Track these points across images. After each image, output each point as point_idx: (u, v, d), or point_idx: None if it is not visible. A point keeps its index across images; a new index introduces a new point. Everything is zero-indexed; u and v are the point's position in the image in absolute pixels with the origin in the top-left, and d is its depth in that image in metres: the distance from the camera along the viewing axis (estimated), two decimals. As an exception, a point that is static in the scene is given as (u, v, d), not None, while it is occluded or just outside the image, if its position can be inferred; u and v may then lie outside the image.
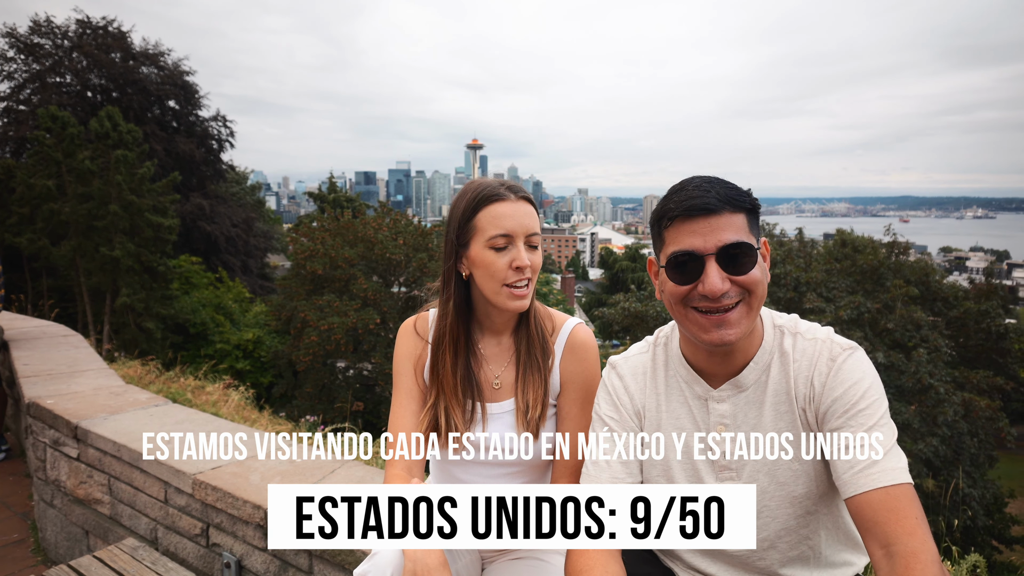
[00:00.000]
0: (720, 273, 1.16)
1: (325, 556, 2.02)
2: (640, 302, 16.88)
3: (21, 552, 3.38)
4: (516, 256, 1.43)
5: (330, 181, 36.18)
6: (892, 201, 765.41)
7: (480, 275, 1.46)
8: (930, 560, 1.01)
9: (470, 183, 1.54)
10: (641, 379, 1.40)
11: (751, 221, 1.20)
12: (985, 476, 13.91)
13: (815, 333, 1.27)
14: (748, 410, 1.28)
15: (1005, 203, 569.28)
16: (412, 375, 1.57)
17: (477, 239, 1.45)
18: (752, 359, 1.27)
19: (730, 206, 1.16)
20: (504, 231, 1.42)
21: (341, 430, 4.39)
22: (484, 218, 1.44)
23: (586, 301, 55.17)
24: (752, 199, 1.21)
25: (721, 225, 1.16)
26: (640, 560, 1.49)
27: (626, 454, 1.35)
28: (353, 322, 16.12)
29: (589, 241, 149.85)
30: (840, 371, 1.19)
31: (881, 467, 1.10)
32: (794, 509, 1.26)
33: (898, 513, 1.06)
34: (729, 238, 1.15)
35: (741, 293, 1.18)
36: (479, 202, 1.45)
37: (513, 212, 1.44)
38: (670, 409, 1.36)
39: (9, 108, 26.06)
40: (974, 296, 17.84)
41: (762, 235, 1.25)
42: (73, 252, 20.28)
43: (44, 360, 4.40)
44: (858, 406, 1.16)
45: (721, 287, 1.15)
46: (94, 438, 2.95)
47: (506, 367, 1.56)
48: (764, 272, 1.20)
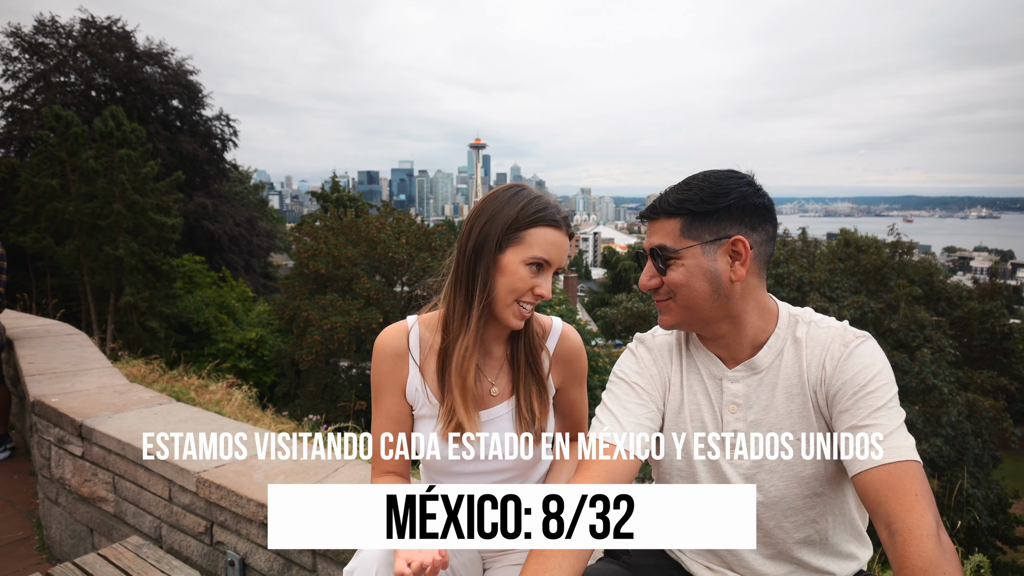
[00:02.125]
0: (650, 270, 1.34)
1: (328, 555, 2.03)
2: (642, 302, 16.88)
3: (26, 549, 3.40)
4: (543, 283, 1.42)
5: (333, 180, 36.20)
6: (896, 201, 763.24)
7: (501, 283, 1.41)
8: (925, 535, 1.01)
9: (525, 189, 1.46)
10: (667, 355, 1.45)
11: (690, 225, 1.28)
12: (989, 477, 13.88)
13: (829, 323, 1.32)
14: (760, 391, 1.33)
15: (1009, 203, 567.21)
16: (399, 397, 1.51)
17: (518, 250, 1.40)
18: (766, 344, 1.33)
19: (664, 212, 1.31)
20: (547, 257, 1.40)
21: (344, 429, 4.40)
22: (536, 235, 1.40)
23: (589, 300, 55.12)
24: (700, 203, 1.27)
25: (655, 228, 1.33)
26: (646, 551, 1.50)
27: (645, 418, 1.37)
28: (356, 321, 16.14)
29: (592, 240, 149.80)
30: (852, 356, 1.23)
31: (886, 445, 1.12)
32: (801, 489, 1.29)
33: (898, 491, 1.08)
34: (654, 241, 1.32)
35: (668, 291, 1.32)
36: (538, 219, 1.40)
37: (561, 243, 1.43)
38: (690, 385, 1.41)
39: (14, 107, 26.15)
40: (978, 296, 17.80)
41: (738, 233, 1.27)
42: (77, 251, 20.34)
43: (49, 358, 4.42)
44: (867, 388, 1.19)
45: (646, 283, 1.34)
46: (99, 436, 2.96)
47: (499, 373, 1.54)
48: (696, 275, 1.27)
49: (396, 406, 1.52)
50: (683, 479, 1.40)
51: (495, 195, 1.46)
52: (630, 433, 1.33)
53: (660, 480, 1.47)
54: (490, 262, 1.41)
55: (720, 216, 1.27)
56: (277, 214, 50.60)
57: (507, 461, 1.52)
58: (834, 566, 1.33)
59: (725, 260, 1.27)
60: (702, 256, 1.27)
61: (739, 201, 1.27)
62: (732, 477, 1.33)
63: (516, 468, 1.53)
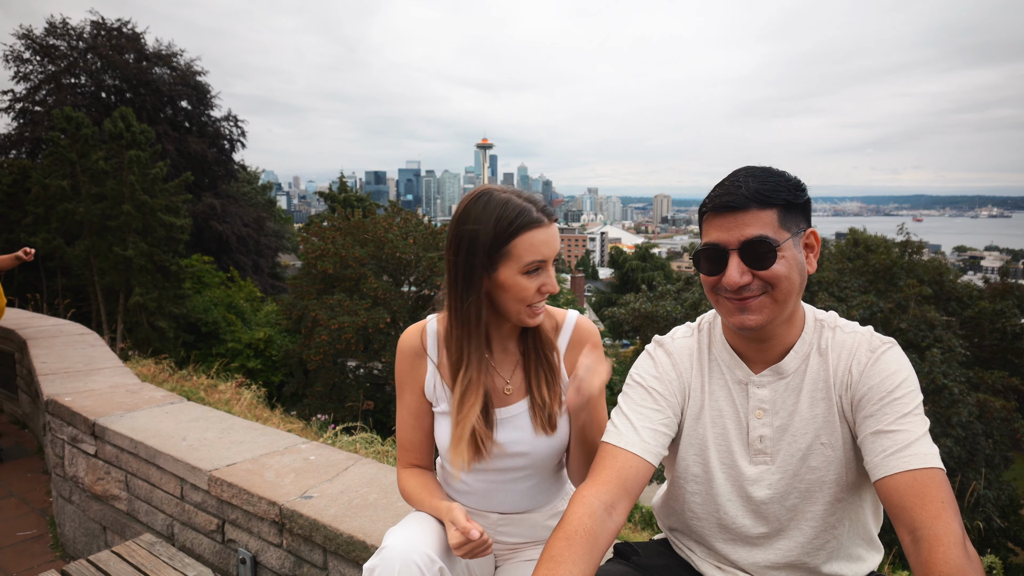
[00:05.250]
0: (740, 267, 1.21)
1: (340, 552, 2.04)
2: (650, 302, 16.83)
3: (40, 547, 3.43)
4: (547, 281, 1.41)
5: (340, 181, 36.34)
6: (905, 200, 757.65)
7: (506, 298, 1.40)
8: (952, 543, 1.00)
9: (491, 196, 1.39)
10: (688, 359, 1.41)
11: (785, 215, 1.22)
12: (1000, 478, 13.76)
13: (855, 328, 1.31)
14: (787, 396, 1.31)
15: (1021, 202, 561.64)
16: (415, 392, 1.55)
17: (509, 265, 1.37)
18: (792, 348, 1.31)
19: (757, 202, 1.21)
20: (541, 258, 1.38)
21: (352, 429, 4.42)
22: (521, 245, 1.35)
23: (596, 300, 55.04)
24: (791, 193, 1.23)
25: (746, 221, 1.20)
26: (656, 552, 1.49)
27: (663, 427, 1.35)
28: (363, 321, 16.18)
29: (599, 240, 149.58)
30: (879, 361, 1.23)
31: (912, 451, 1.11)
32: (823, 495, 1.28)
33: (924, 497, 1.07)
34: (751, 233, 1.20)
35: (764, 286, 1.22)
36: (517, 228, 1.35)
37: (548, 238, 1.39)
38: (711, 391, 1.38)
39: (25, 109, 26.42)
40: (989, 296, 17.62)
41: (810, 227, 1.28)
42: (87, 252, 20.53)
43: (61, 358, 4.46)
44: (893, 395, 1.18)
45: (739, 280, 1.20)
46: (111, 435, 2.99)
47: (514, 371, 1.54)
48: (793, 267, 1.22)
49: (416, 403, 1.56)
50: (699, 485, 1.37)
51: (466, 212, 1.40)
52: (644, 439, 1.30)
53: (672, 486, 1.45)
54: (481, 288, 1.40)
55: (803, 208, 1.26)
56: (285, 214, 50.78)
57: (523, 459, 1.52)
58: (845, 569, 1.32)
59: (803, 253, 1.26)
60: (794, 248, 1.24)
61: (807, 195, 1.28)
62: (752, 484, 1.31)
63: (532, 465, 1.54)
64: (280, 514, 2.21)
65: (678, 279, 20.00)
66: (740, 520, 1.33)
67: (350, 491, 2.32)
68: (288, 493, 2.29)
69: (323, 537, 2.07)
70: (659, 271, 52.72)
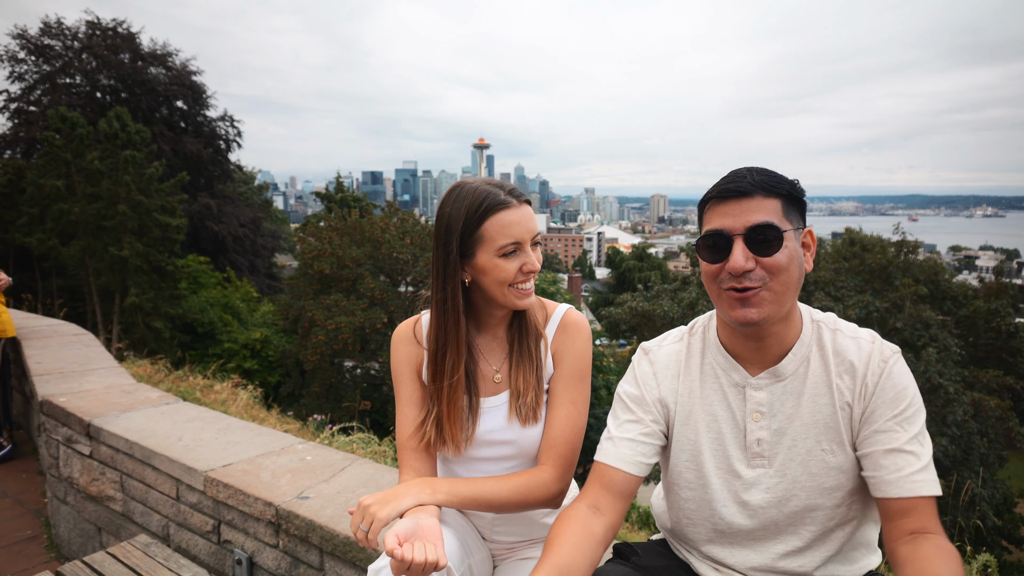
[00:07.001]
0: (745, 252, 1.19)
1: (337, 553, 2.04)
2: (647, 301, 16.86)
3: (35, 548, 3.42)
4: (527, 260, 1.43)
5: (337, 181, 36.26)
6: (901, 200, 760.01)
7: (488, 281, 1.44)
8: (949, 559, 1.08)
9: (462, 187, 1.46)
10: (674, 367, 1.41)
11: (787, 207, 1.23)
12: (995, 476, 13.82)
13: (856, 332, 1.30)
14: (785, 400, 1.29)
15: (1015, 201, 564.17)
16: (414, 380, 1.57)
17: (485, 249, 1.41)
18: (791, 350, 1.29)
19: (763, 190, 1.21)
20: (514, 239, 1.41)
21: (349, 430, 4.41)
22: (492, 228, 1.40)
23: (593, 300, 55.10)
24: (792, 188, 1.24)
25: (752, 208, 1.20)
26: (655, 552, 1.49)
27: (643, 437, 1.37)
28: (360, 321, 16.18)
29: (596, 240, 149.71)
30: (892, 374, 1.22)
31: (923, 477, 1.16)
32: (823, 500, 1.27)
33: (927, 524, 1.15)
34: (757, 219, 1.19)
35: (765, 277, 1.20)
36: (484, 211, 1.40)
37: (519, 219, 1.42)
38: (704, 396, 1.37)
39: (20, 109, 26.29)
40: (984, 295, 17.70)
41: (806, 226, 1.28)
42: (82, 252, 20.44)
43: (56, 358, 4.44)
44: (906, 412, 1.20)
45: (743, 265, 1.18)
46: (107, 436, 2.98)
47: (504, 359, 1.55)
48: (794, 259, 1.21)
49: (416, 390, 1.57)
50: (692, 490, 1.37)
51: (443, 205, 1.47)
52: (620, 450, 1.35)
53: (668, 491, 1.45)
54: (464, 270, 1.45)
55: (801, 207, 1.27)
56: (281, 214, 50.70)
57: (509, 447, 1.53)
58: (843, 571, 1.32)
59: (801, 250, 1.25)
60: (795, 241, 1.23)
61: (804, 195, 1.28)
62: (749, 487, 1.30)
63: (520, 456, 1.54)
64: (276, 515, 2.20)
65: (675, 279, 20.04)
66: (736, 523, 1.32)
67: (347, 491, 2.31)
68: (284, 494, 2.28)
69: (320, 538, 2.06)
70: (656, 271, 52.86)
